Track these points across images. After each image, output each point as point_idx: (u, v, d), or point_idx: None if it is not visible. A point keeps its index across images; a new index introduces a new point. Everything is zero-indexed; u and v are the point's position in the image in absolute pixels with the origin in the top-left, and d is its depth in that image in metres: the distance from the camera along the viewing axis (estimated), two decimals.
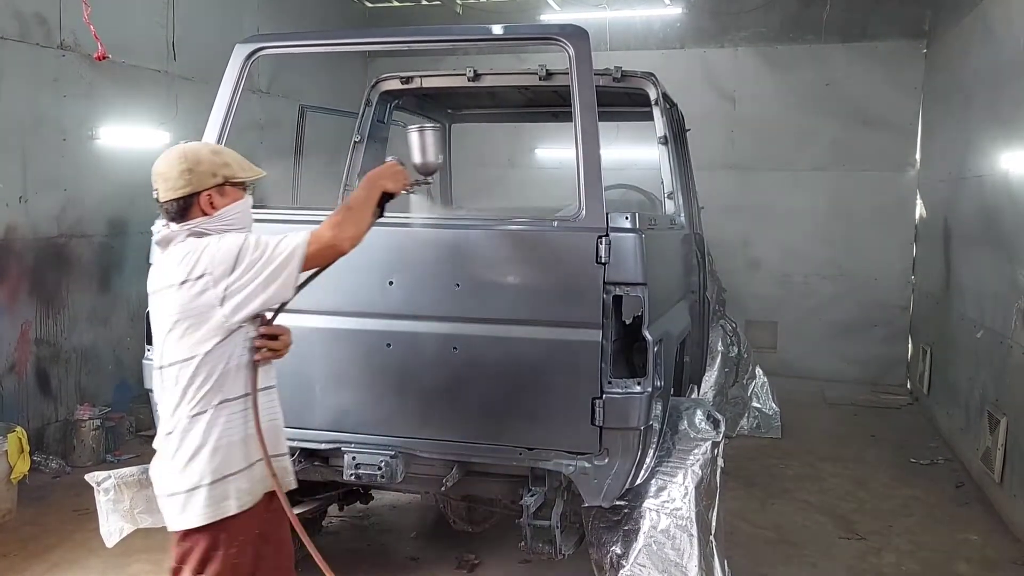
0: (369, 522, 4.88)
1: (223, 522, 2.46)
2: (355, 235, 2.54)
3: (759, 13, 8.89)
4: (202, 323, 2.40)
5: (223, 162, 2.55)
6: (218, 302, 2.38)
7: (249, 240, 2.44)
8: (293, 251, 2.42)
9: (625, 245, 2.99)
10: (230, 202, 2.54)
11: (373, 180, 2.67)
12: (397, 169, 2.74)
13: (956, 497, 5.50)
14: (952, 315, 6.72)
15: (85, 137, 5.97)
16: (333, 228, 2.50)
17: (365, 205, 2.60)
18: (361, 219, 2.58)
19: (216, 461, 2.44)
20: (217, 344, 2.41)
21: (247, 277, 2.39)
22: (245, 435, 2.49)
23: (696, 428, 3.57)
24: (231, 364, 2.45)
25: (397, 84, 4.92)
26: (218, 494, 2.44)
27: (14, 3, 5.40)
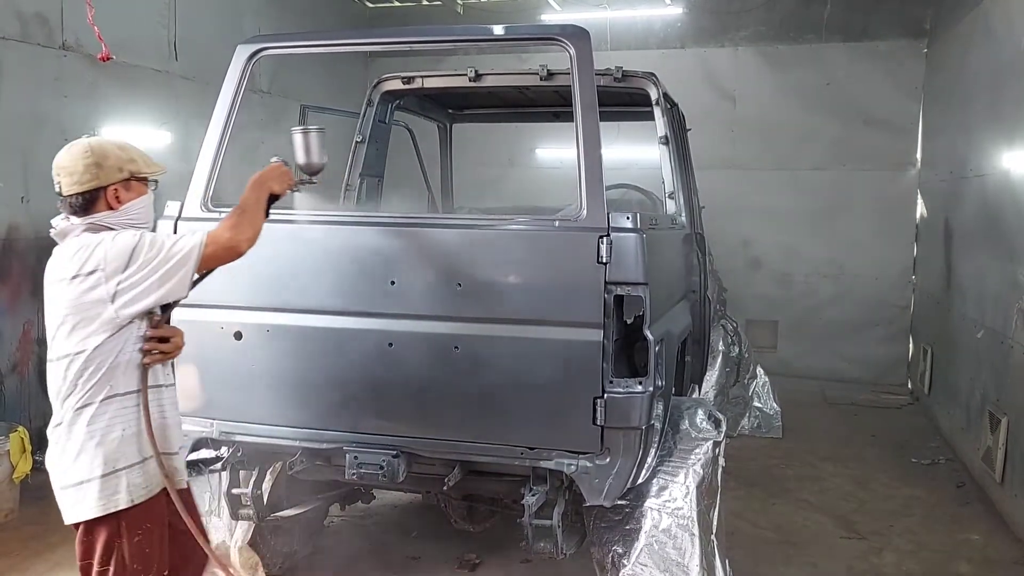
0: (370, 521, 4.89)
1: (121, 513, 2.51)
2: (252, 236, 2.64)
3: (760, 12, 8.89)
4: (92, 318, 2.44)
5: (129, 157, 2.62)
6: (109, 298, 2.43)
7: (145, 238, 2.49)
8: (190, 251, 2.49)
9: (626, 245, 2.99)
10: (135, 197, 2.61)
11: (260, 182, 2.74)
12: (283, 170, 2.82)
13: (957, 497, 5.51)
14: (953, 315, 6.73)
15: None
16: (231, 230, 2.59)
17: (258, 206, 2.70)
18: (256, 220, 2.68)
19: (105, 454, 2.48)
20: (107, 339, 2.45)
21: (141, 275, 2.44)
22: (137, 430, 2.53)
23: (697, 428, 3.57)
24: (120, 359, 2.49)
25: (399, 84, 4.92)
26: (109, 487, 2.48)
27: (15, 3, 5.41)
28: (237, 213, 2.65)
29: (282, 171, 2.81)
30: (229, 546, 3.82)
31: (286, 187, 2.81)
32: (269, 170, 2.79)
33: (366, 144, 4.96)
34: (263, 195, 2.72)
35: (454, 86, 4.94)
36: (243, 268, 3.26)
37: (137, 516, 2.53)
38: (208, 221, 3.34)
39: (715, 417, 3.67)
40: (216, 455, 3.51)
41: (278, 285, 3.32)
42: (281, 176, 2.79)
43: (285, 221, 3.44)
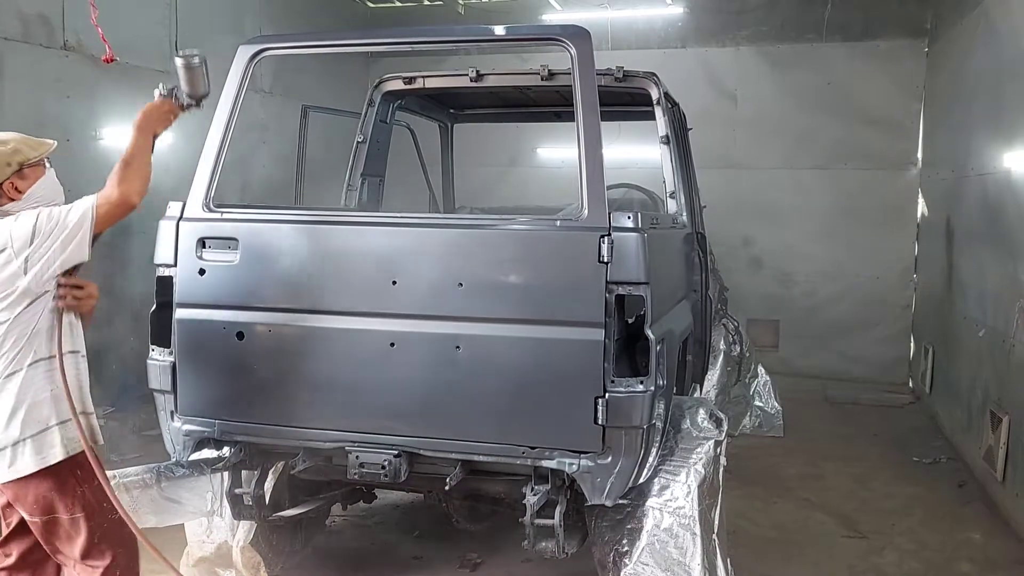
0: (372, 521, 4.89)
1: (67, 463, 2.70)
2: (140, 188, 2.79)
3: (760, 12, 8.90)
4: (10, 293, 2.66)
5: (13, 149, 2.75)
6: (21, 271, 2.66)
7: (42, 214, 2.69)
8: (83, 215, 2.69)
9: (627, 244, 2.99)
10: (33, 182, 2.78)
11: (146, 126, 2.88)
12: (163, 109, 2.95)
13: (958, 496, 5.50)
14: (954, 314, 6.72)
15: (88, 138, 6.00)
16: (119, 186, 2.74)
17: (143, 154, 2.84)
18: (143, 169, 2.81)
19: (37, 413, 2.69)
20: (24, 309, 2.67)
21: (45, 246, 2.66)
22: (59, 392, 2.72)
23: (699, 427, 3.58)
24: (41, 325, 2.71)
25: (400, 84, 4.93)
26: (45, 442, 2.70)
27: (17, 4, 5.42)
28: (122, 167, 2.77)
29: (163, 111, 2.95)
30: (231, 546, 3.82)
31: (169, 123, 2.97)
32: (150, 110, 2.92)
33: (367, 144, 4.97)
34: (147, 140, 2.87)
35: (455, 86, 4.95)
36: (245, 268, 3.31)
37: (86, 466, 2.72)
38: (210, 221, 3.37)
39: (716, 416, 3.67)
40: (218, 455, 3.52)
41: (280, 285, 3.33)
42: (163, 116, 2.94)
43: (288, 221, 3.46)
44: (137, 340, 6.23)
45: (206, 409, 3.40)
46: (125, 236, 6.31)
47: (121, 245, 6.31)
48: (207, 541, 3.84)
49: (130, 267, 6.32)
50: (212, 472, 3.52)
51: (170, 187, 3.65)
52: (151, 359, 3.45)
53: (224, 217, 3.38)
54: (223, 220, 3.37)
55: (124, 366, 6.36)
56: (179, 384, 3.40)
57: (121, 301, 6.37)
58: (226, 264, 3.32)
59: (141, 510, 3.30)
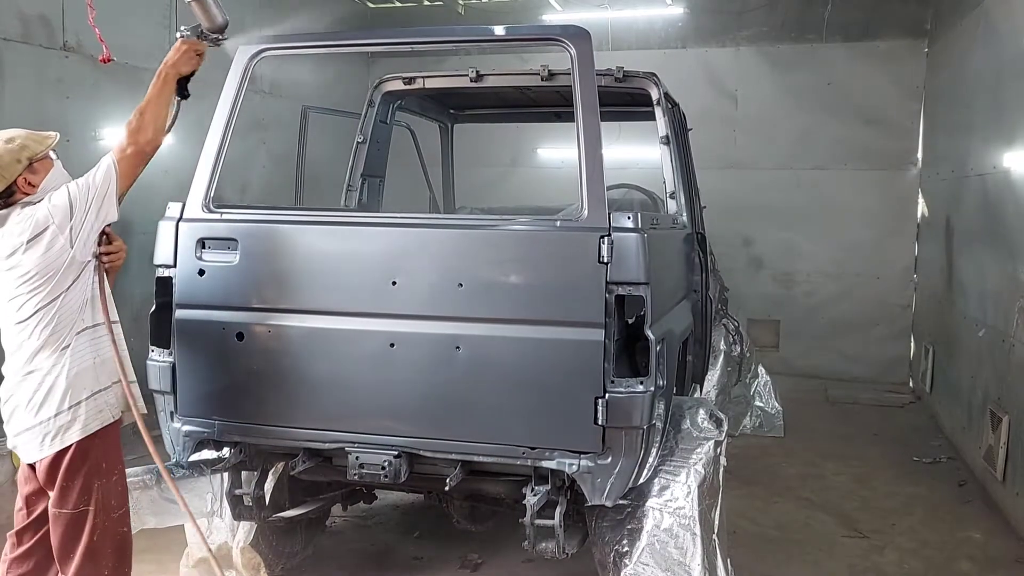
0: (372, 522, 4.89)
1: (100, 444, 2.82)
2: (154, 135, 2.89)
3: (761, 13, 8.89)
4: (60, 267, 2.75)
5: (20, 146, 2.83)
6: (68, 244, 2.75)
7: (71, 186, 2.80)
8: (106, 175, 2.81)
9: (627, 245, 2.99)
10: (44, 175, 2.86)
11: (165, 72, 2.95)
12: (185, 48, 3.00)
13: (959, 495, 5.51)
14: (954, 313, 6.73)
15: (89, 138, 5.99)
16: (131, 136, 2.85)
17: (158, 101, 2.92)
18: (156, 117, 2.90)
19: (81, 382, 2.81)
20: (74, 281, 2.79)
21: (84, 214, 2.77)
22: (104, 358, 2.87)
23: (699, 427, 3.58)
24: (87, 295, 2.84)
25: (400, 85, 4.93)
26: (92, 409, 2.82)
27: (17, 4, 5.42)
28: (136, 116, 2.87)
29: (185, 50, 3.00)
30: (231, 547, 3.83)
31: (196, 62, 3.02)
32: (172, 54, 2.98)
33: (367, 145, 4.97)
34: (167, 86, 2.94)
35: (455, 86, 4.94)
36: (245, 269, 3.31)
37: (112, 453, 2.85)
38: (210, 222, 3.37)
39: (716, 417, 3.67)
40: (218, 456, 3.52)
41: (280, 285, 3.33)
42: (186, 56, 2.99)
43: (287, 222, 3.46)
44: (138, 340, 6.22)
45: (206, 410, 3.40)
46: (126, 236, 6.29)
47: None
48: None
49: (131, 267, 6.28)
50: (212, 473, 3.53)
51: (170, 188, 3.66)
52: (151, 360, 3.46)
53: (224, 218, 3.38)
54: (223, 221, 3.38)
55: None
56: (179, 385, 3.41)
57: (121, 301, 6.34)
58: (226, 265, 3.33)
59: (141, 511, 3.31)
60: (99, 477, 2.84)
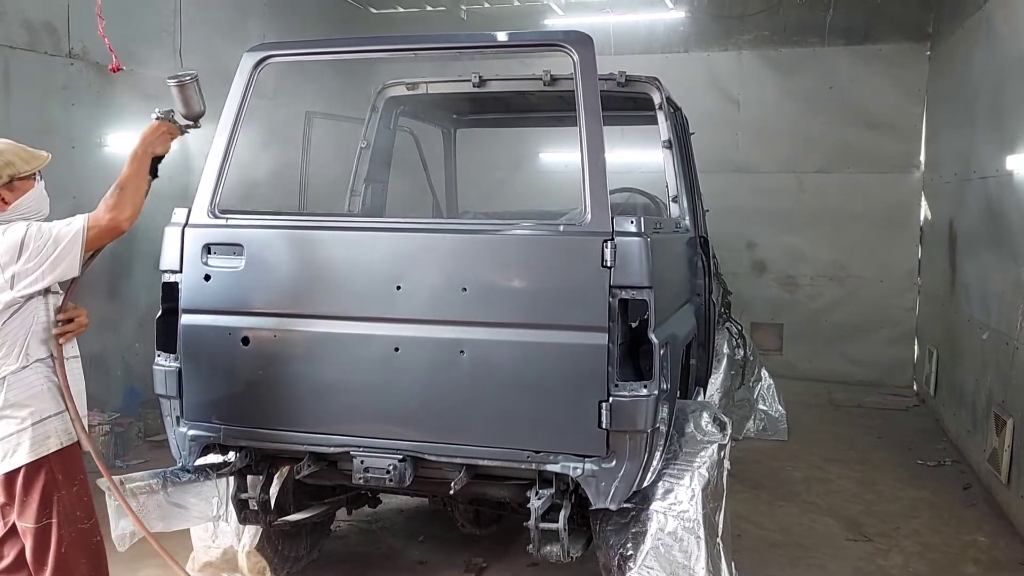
0: (377, 526, 4.90)
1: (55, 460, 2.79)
2: (132, 214, 2.85)
3: (763, 17, 8.91)
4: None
5: (5, 162, 2.78)
6: (8, 285, 2.71)
7: (31, 229, 2.73)
8: (74, 237, 2.74)
9: (631, 249, 3.00)
10: (21, 195, 2.81)
11: (143, 151, 2.92)
12: (161, 130, 2.98)
13: (963, 498, 5.50)
14: (958, 317, 6.72)
15: (94, 145, 6.02)
16: (111, 211, 2.79)
17: (138, 179, 2.88)
18: (136, 195, 2.86)
19: (31, 407, 2.78)
20: (12, 317, 2.75)
21: (33, 263, 2.71)
22: (52, 386, 2.84)
23: (703, 431, 3.58)
24: (32, 331, 2.80)
25: (403, 90, 4.95)
26: (40, 434, 2.79)
27: (24, 12, 5.45)
28: (117, 192, 2.81)
29: (162, 132, 2.98)
30: (237, 551, 3.84)
31: (168, 145, 3.00)
32: (148, 133, 2.95)
33: (371, 150, 4.98)
34: (144, 165, 2.91)
35: (458, 92, 4.96)
36: (250, 274, 3.33)
37: (70, 465, 2.82)
38: (215, 228, 3.39)
39: (720, 420, 3.68)
40: (224, 460, 3.54)
41: (285, 290, 3.35)
42: (160, 137, 2.97)
43: (292, 227, 3.48)
44: (143, 346, 6.25)
45: (212, 414, 3.42)
46: (130, 242, 6.33)
47: (126, 251, 6.34)
48: (213, 546, 3.86)
49: (135, 273, 6.34)
50: (218, 477, 3.53)
51: (174, 194, 3.67)
52: (157, 365, 3.48)
53: (229, 223, 3.40)
54: (228, 226, 3.39)
55: (129, 372, 6.38)
56: (185, 389, 3.42)
57: (126, 307, 6.39)
58: (231, 270, 3.34)
59: (147, 515, 3.32)
60: (57, 490, 2.82)
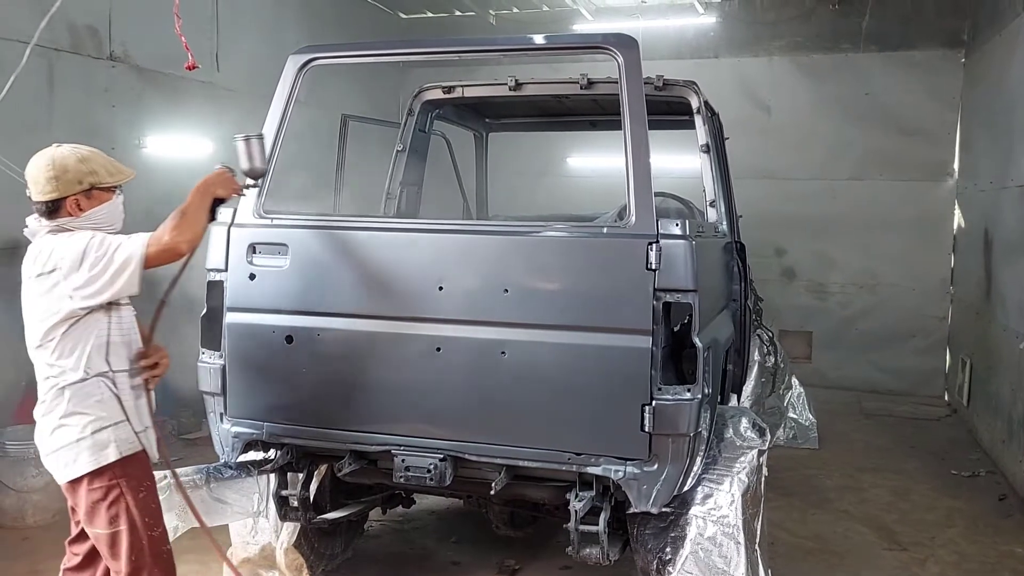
0: (410, 526, 4.92)
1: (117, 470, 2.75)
2: (192, 239, 2.81)
3: (795, 23, 8.87)
4: (58, 310, 2.69)
5: (90, 169, 2.78)
6: (68, 294, 2.68)
7: (94, 240, 2.70)
8: (132, 254, 2.69)
9: (676, 252, 3.01)
10: (97, 204, 2.81)
11: (205, 188, 2.90)
12: (227, 176, 2.96)
13: (999, 509, 5.44)
14: (993, 326, 6.64)
15: (133, 146, 6.11)
16: (171, 232, 2.75)
17: (200, 210, 2.86)
18: (196, 223, 2.83)
19: (89, 416, 2.74)
20: (72, 327, 2.71)
21: (92, 274, 2.67)
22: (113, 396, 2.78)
23: (742, 436, 3.57)
24: (91, 343, 2.74)
25: (439, 93, 4.98)
26: (99, 443, 2.74)
27: (68, 16, 5.54)
28: (178, 215, 2.80)
29: (226, 177, 2.97)
30: (275, 547, 3.87)
31: (230, 192, 2.98)
32: (214, 176, 2.95)
33: (406, 153, 5.02)
34: (206, 200, 2.89)
35: (494, 95, 4.98)
36: (295, 273, 3.37)
37: (134, 472, 2.78)
38: (260, 228, 3.43)
39: (759, 426, 3.67)
40: (265, 457, 3.57)
41: (328, 290, 3.38)
42: (225, 182, 2.96)
43: (336, 227, 3.51)
44: (179, 345, 6.30)
45: (255, 411, 3.45)
46: None
47: None
48: (251, 542, 3.90)
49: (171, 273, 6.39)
50: (259, 474, 3.57)
51: None
52: (201, 362, 3.52)
53: (275, 223, 3.44)
54: (273, 226, 3.43)
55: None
56: (228, 387, 3.46)
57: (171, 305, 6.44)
58: (276, 269, 3.38)
59: (189, 511, 3.36)
60: (123, 498, 2.77)
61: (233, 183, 2.99)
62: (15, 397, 5.37)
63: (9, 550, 4.48)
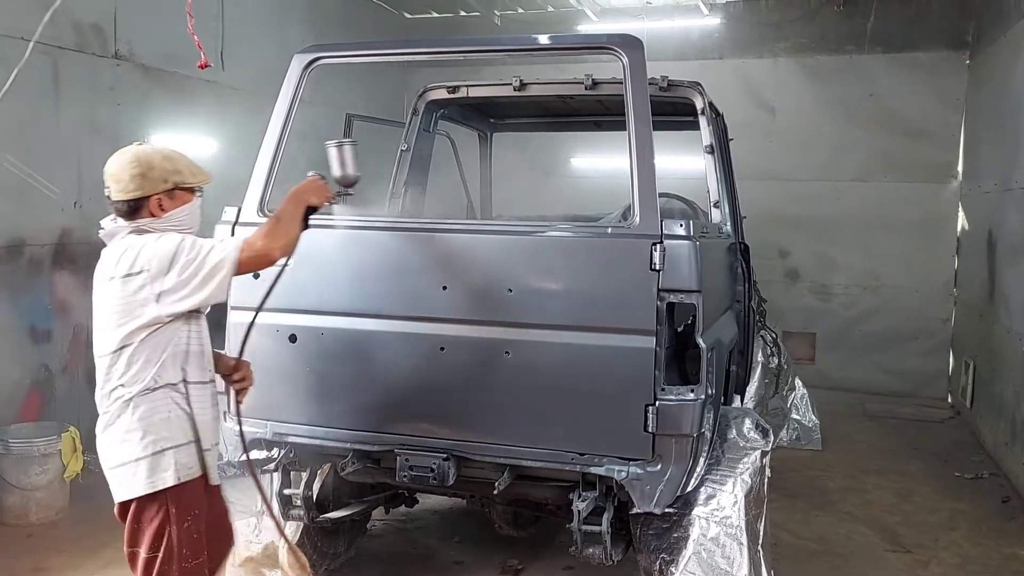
0: (412, 526, 4.92)
1: (170, 495, 2.63)
2: (285, 245, 2.74)
3: (800, 24, 8.87)
4: (139, 315, 2.58)
5: (174, 168, 2.72)
6: (154, 298, 2.57)
7: (185, 243, 2.60)
8: (224, 258, 2.59)
9: (680, 252, 3.01)
10: (179, 205, 2.73)
11: (298, 195, 2.85)
12: (319, 184, 2.91)
13: (1002, 511, 5.43)
14: (997, 328, 6.63)
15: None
16: (264, 238, 2.68)
17: (293, 218, 2.80)
18: (290, 230, 2.77)
19: (153, 435, 2.61)
20: (151, 334, 2.60)
21: (182, 279, 2.56)
22: (179, 414, 2.66)
23: (745, 437, 3.57)
24: (167, 352, 2.63)
25: (444, 93, 4.98)
26: (158, 465, 2.62)
27: (73, 14, 5.55)
28: (273, 221, 2.76)
29: (319, 185, 2.92)
30: (278, 547, 3.87)
31: (323, 200, 2.93)
32: (307, 183, 2.90)
33: (411, 153, 5.02)
34: (300, 207, 2.84)
35: (498, 95, 4.99)
36: (299, 272, 3.36)
37: (185, 500, 2.66)
38: None
39: (762, 426, 3.67)
40: (268, 456, 3.57)
41: (333, 289, 3.38)
42: (318, 189, 2.90)
43: (341, 227, 3.51)
44: None
45: (258, 410, 3.45)
46: None
47: None
48: (255, 541, 3.89)
49: None
50: (262, 473, 3.57)
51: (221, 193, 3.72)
52: None
53: None
54: None
55: None
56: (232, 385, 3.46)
57: None
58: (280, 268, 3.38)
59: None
60: (169, 525, 2.64)
61: (326, 191, 2.92)
62: (20, 395, 5.40)
63: (13, 548, 4.50)
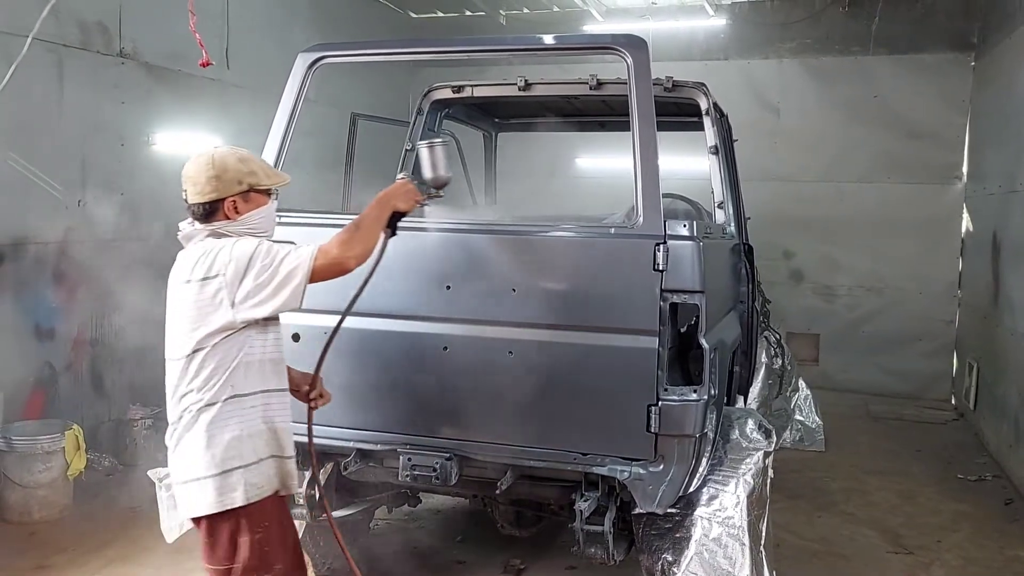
0: (415, 525, 4.93)
1: (239, 510, 2.57)
2: (361, 254, 2.66)
3: (805, 25, 8.86)
4: (213, 320, 2.52)
5: (249, 170, 2.68)
6: (229, 303, 2.51)
7: (261, 248, 2.55)
8: (299, 265, 2.54)
9: (683, 253, 3.01)
10: (254, 208, 2.69)
11: (384, 200, 2.77)
12: (408, 188, 2.83)
13: (1005, 514, 5.42)
14: (1001, 330, 6.62)
15: (142, 142, 6.13)
16: (340, 246, 2.61)
17: (375, 224, 2.73)
18: (369, 238, 2.69)
19: (223, 452, 2.54)
20: (224, 339, 2.53)
21: (258, 283, 2.51)
22: (253, 431, 2.60)
23: (748, 437, 3.57)
24: (240, 360, 2.56)
25: (448, 93, 4.98)
26: (227, 485, 2.54)
27: (78, 12, 5.57)
28: (352, 228, 2.67)
29: (407, 188, 2.82)
30: None
31: (412, 204, 2.84)
32: (394, 188, 2.81)
33: (415, 152, 5.01)
34: (384, 213, 2.75)
35: (503, 95, 4.98)
36: None
37: (255, 514, 2.60)
38: None
39: (765, 427, 3.67)
40: None
41: (336, 288, 3.36)
42: (406, 194, 2.81)
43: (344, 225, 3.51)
44: None
45: None
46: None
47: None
48: None
49: None
50: None
51: None
52: None
53: (282, 221, 3.43)
54: (281, 224, 3.42)
55: None
56: None
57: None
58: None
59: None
60: (241, 535, 2.58)
61: (415, 195, 2.83)
62: (23, 392, 5.41)
63: (15, 545, 4.51)
